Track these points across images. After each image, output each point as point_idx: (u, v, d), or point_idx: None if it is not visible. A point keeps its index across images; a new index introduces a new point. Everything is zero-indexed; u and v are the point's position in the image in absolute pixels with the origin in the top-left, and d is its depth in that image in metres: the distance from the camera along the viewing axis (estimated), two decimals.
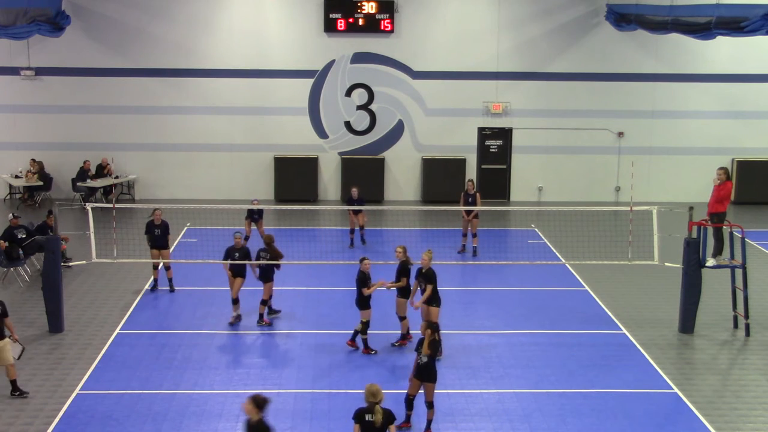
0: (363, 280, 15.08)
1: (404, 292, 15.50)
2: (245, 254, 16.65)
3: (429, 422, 12.51)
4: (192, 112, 27.97)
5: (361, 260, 15.27)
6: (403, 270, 15.52)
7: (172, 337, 16.11)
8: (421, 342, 12.39)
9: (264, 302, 16.74)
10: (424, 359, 12.23)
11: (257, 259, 16.58)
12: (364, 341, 15.25)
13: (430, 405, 12.43)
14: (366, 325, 15.17)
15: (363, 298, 15.10)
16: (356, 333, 15.39)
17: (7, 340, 13.52)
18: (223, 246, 17.14)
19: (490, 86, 28.14)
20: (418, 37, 27.83)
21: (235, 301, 16.64)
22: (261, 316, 16.75)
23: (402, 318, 15.64)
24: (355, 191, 21.72)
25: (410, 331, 15.65)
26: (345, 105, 28.20)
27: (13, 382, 13.56)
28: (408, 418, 12.64)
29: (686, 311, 16.56)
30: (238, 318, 16.66)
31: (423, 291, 14.95)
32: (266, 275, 16.61)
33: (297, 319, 17.10)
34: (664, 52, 27.99)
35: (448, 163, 28.27)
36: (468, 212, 21.07)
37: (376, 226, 22.82)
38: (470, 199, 21.20)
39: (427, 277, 14.90)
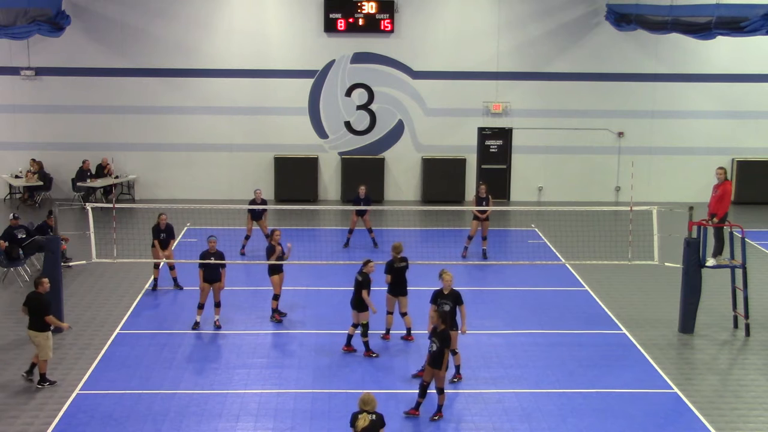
0: (367, 282, 15.09)
1: (391, 288, 15.71)
2: (220, 258, 16.60)
3: (439, 407, 12.88)
4: (192, 112, 27.97)
5: (367, 263, 15.28)
6: (389, 267, 15.75)
7: (172, 337, 16.11)
8: (434, 331, 12.77)
9: (275, 297, 16.93)
10: (434, 347, 12.61)
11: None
12: (366, 344, 15.25)
13: (440, 391, 12.82)
14: (366, 326, 15.18)
15: (362, 301, 15.11)
16: (350, 337, 15.41)
17: (48, 333, 13.86)
18: (222, 246, 17.12)
19: (490, 86, 28.14)
20: (418, 37, 27.83)
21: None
22: (273, 311, 16.94)
23: (389, 312, 15.91)
24: (362, 189, 21.74)
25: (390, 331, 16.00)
26: (345, 105, 28.21)
27: (42, 375, 13.97)
28: (418, 405, 12.90)
29: (686, 311, 16.56)
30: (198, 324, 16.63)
31: (444, 314, 13.87)
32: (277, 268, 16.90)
33: (297, 319, 17.10)
34: (664, 52, 27.99)
35: (448, 163, 28.28)
36: (481, 214, 20.93)
37: (375, 226, 22.82)
38: (484, 203, 21.10)
39: (455, 298, 14.18)
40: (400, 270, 15.72)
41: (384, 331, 15.98)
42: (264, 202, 21.52)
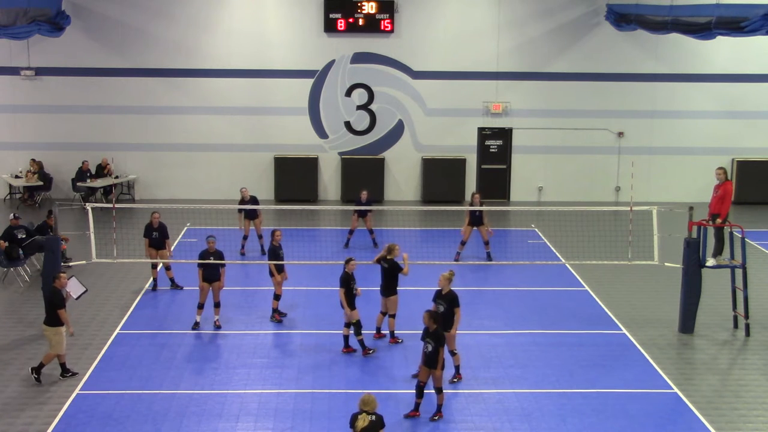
0: (347, 280, 15.13)
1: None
2: (219, 257, 16.59)
3: (439, 407, 12.87)
4: (192, 112, 27.97)
5: (347, 261, 15.33)
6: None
7: (172, 337, 16.11)
8: (426, 331, 12.73)
9: (277, 297, 16.93)
10: (430, 348, 12.57)
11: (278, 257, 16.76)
12: (361, 342, 15.25)
13: (438, 390, 12.80)
14: (358, 325, 15.20)
15: (348, 299, 15.13)
16: (346, 338, 15.42)
17: (58, 329, 13.98)
18: (222, 246, 17.13)
19: (490, 86, 28.14)
20: (418, 37, 27.83)
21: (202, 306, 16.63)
22: (274, 311, 16.95)
23: (382, 312, 15.95)
24: (364, 195, 21.67)
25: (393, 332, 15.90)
26: (345, 105, 28.21)
27: (63, 365, 14.23)
28: (417, 406, 12.90)
29: (686, 311, 16.56)
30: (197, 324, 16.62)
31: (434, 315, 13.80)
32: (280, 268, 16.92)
33: (297, 319, 17.10)
34: (664, 52, 27.99)
35: (448, 163, 28.28)
36: (476, 223, 20.83)
37: (375, 227, 22.81)
38: (478, 212, 20.97)
39: (450, 300, 14.04)
40: (382, 269, 15.71)
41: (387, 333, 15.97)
42: (254, 199, 21.41)
